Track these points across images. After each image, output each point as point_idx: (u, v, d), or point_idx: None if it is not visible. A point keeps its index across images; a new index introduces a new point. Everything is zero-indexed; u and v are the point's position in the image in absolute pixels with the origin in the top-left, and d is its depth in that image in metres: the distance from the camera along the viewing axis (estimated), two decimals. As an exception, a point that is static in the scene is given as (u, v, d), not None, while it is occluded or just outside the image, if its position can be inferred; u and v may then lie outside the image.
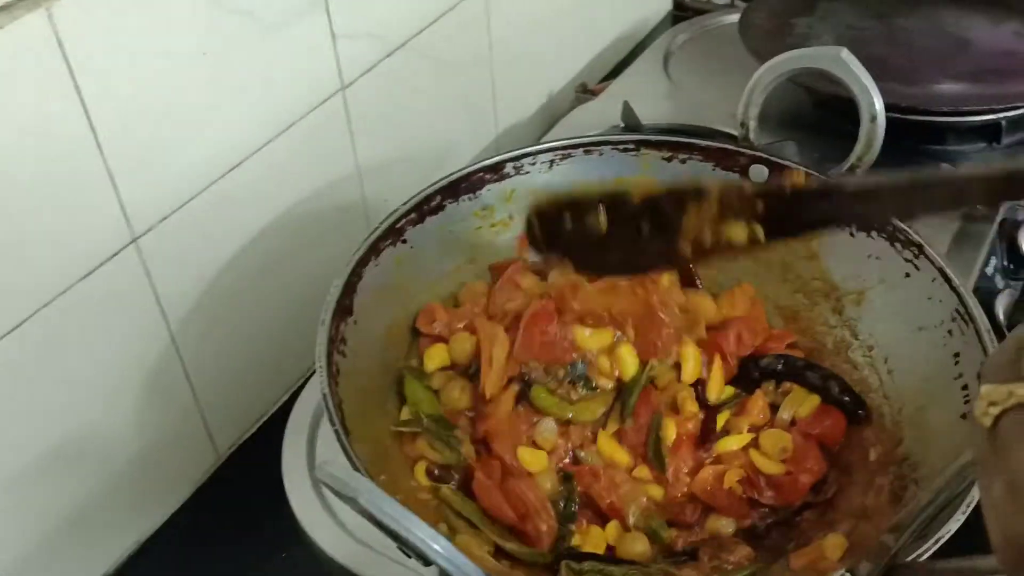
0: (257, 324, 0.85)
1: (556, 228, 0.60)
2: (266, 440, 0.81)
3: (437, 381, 0.71)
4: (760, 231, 0.56)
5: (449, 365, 0.72)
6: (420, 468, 0.67)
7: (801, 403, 0.72)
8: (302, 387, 0.83)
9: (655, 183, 0.59)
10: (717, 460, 0.70)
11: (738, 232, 0.56)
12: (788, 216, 0.56)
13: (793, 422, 0.72)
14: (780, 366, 0.74)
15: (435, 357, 0.72)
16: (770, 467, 0.69)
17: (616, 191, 0.60)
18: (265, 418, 0.90)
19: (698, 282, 0.78)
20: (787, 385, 0.73)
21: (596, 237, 0.59)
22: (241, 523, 0.80)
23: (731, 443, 0.70)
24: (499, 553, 0.63)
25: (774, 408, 0.72)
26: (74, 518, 0.74)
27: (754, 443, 0.70)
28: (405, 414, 0.70)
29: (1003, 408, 0.35)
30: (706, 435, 0.70)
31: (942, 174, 0.55)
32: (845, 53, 0.72)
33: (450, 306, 0.76)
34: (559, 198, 0.61)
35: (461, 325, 0.73)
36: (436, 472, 0.67)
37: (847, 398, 0.71)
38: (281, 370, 0.89)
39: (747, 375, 0.74)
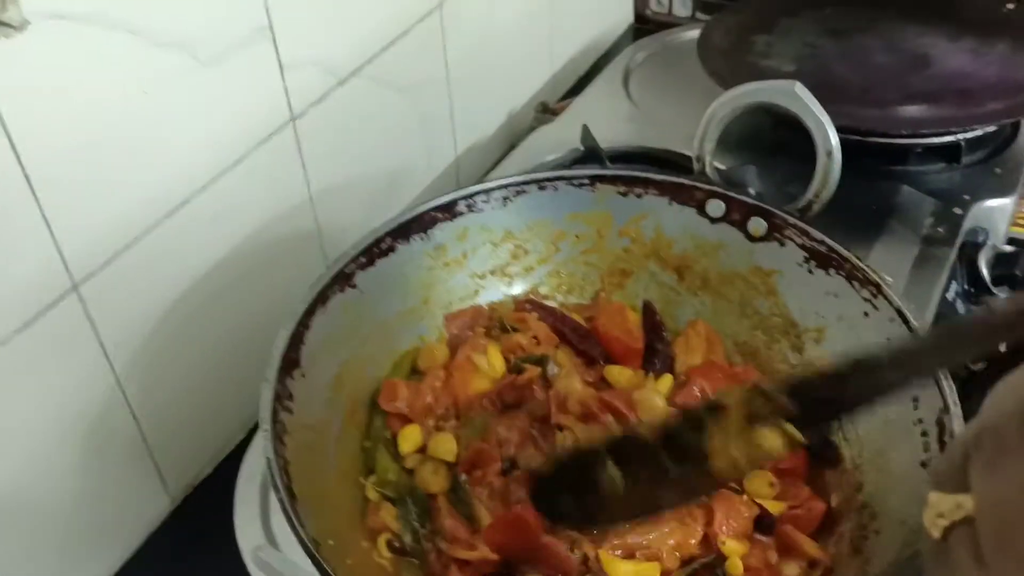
0: (209, 363, 0.83)
1: (564, 493, 0.55)
2: (221, 481, 0.79)
3: (411, 461, 0.69)
4: (796, 432, 0.51)
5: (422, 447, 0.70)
6: (382, 540, 0.64)
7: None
8: (256, 427, 0.81)
9: (666, 414, 0.56)
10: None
11: (772, 438, 0.51)
12: (823, 406, 0.52)
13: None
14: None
15: (409, 439, 0.70)
16: (775, 507, 0.67)
17: (625, 437, 0.55)
18: (222, 457, 0.88)
19: (663, 330, 0.78)
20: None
21: (615, 492, 0.54)
22: (195, 569, 0.78)
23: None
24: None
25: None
26: (22, 569, 0.71)
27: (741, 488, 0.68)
28: (370, 487, 0.68)
29: (951, 520, 0.33)
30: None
31: (977, 318, 0.52)
32: (799, 87, 0.71)
33: (407, 366, 0.75)
34: (561, 459, 0.57)
35: (427, 400, 0.71)
36: (398, 545, 0.65)
37: (814, 438, 0.70)
38: (235, 409, 0.87)
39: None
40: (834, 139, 0.72)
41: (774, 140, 1.02)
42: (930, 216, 0.93)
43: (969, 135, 0.96)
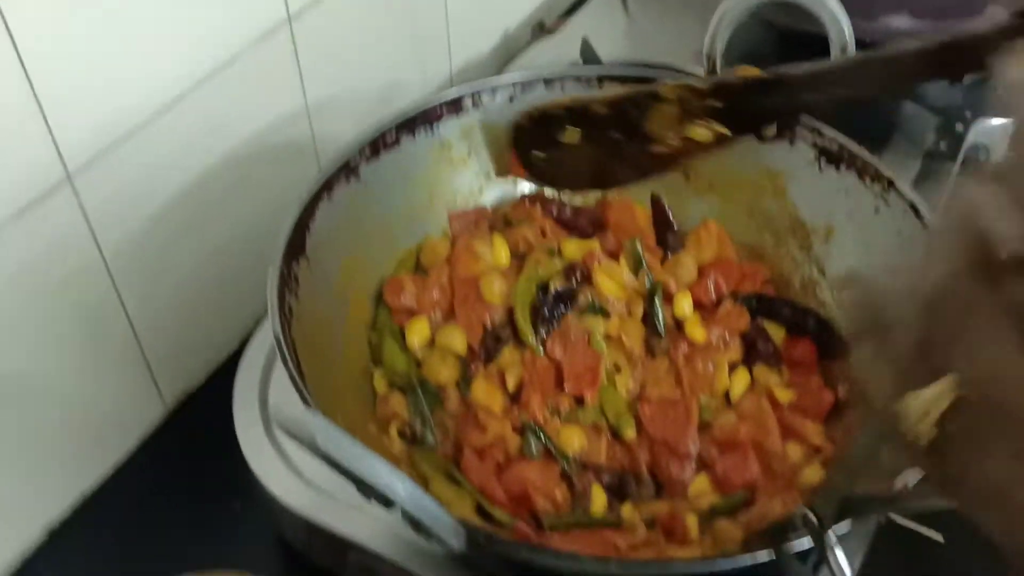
0: (204, 267, 0.81)
1: (537, 145, 0.63)
2: (216, 389, 0.78)
3: (419, 352, 0.69)
4: (723, 129, 0.59)
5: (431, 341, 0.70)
6: (393, 428, 0.64)
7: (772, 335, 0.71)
8: (253, 334, 0.79)
9: (617, 91, 0.61)
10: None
11: (702, 131, 0.59)
12: (745, 110, 0.59)
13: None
14: (755, 302, 0.73)
15: (418, 332, 0.70)
16: (784, 395, 0.68)
17: (582, 101, 0.61)
18: (215, 367, 0.87)
19: (672, 223, 0.77)
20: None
21: (573, 151, 0.61)
22: (192, 473, 0.77)
23: (739, 382, 0.69)
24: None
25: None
26: (14, 466, 0.70)
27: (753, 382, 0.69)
28: (378, 377, 0.67)
29: (940, 412, 0.31)
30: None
31: (883, 53, 0.55)
32: (816, -19, 0.70)
33: (411, 262, 0.74)
34: (532, 113, 0.63)
35: (434, 295, 0.70)
36: (409, 432, 0.64)
37: (824, 332, 0.71)
38: (231, 316, 0.86)
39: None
40: (849, 33, 0.71)
41: (777, 57, 1.00)
42: (933, 132, 0.93)
43: (972, 52, 0.96)
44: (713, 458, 0.65)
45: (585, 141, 0.61)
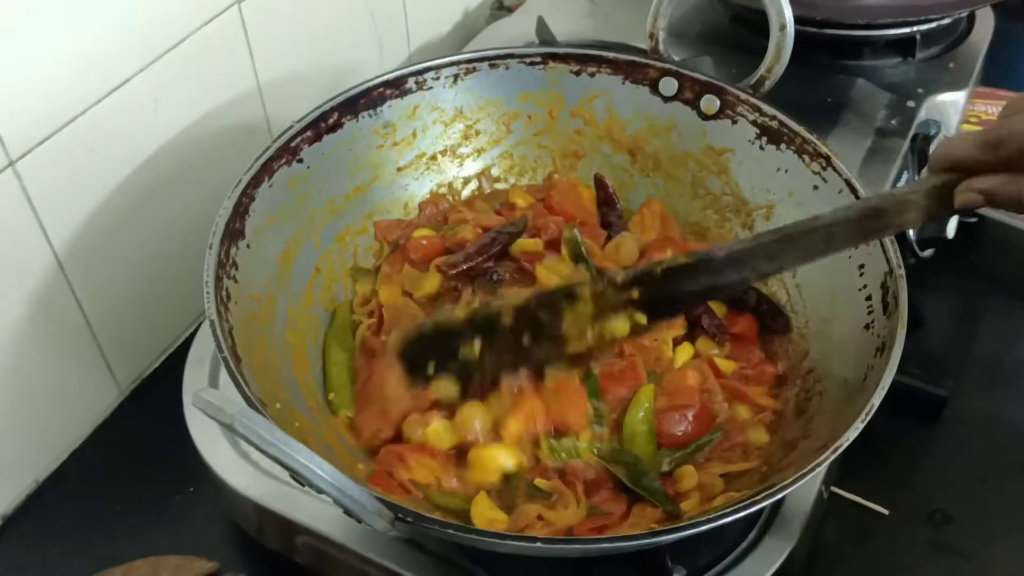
0: (156, 251, 0.82)
1: (430, 363, 0.59)
2: (172, 371, 0.78)
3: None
4: (642, 318, 0.57)
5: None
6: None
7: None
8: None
9: (522, 295, 0.59)
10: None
11: (620, 325, 0.57)
12: (666, 298, 0.57)
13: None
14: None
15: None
16: (727, 365, 0.69)
17: (484, 314, 0.58)
18: (171, 349, 0.87)
19: (617, 203, 0.78)
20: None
21: (475, 364, 0.58)
22: (147, 457, 0.78)
23: (683, 354, 0.70)
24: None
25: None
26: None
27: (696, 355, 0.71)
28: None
29: None
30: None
31: (806, 225, 0.55)
32: (754, -41, 0.70)
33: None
34: (423, 331, 0.60)
35: None
36: None
37: (764, 307, 0.72)
38: (186, 299, 0.86)
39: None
40: (788, 12, 0.71)
41: (730, 35, 1.01)
42: (884, 109, 0.93)
43: (924, 27, 0.96)
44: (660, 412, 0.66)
45: (488, 353, 0.58)
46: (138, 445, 0.79)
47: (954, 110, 0.96)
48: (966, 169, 0.51)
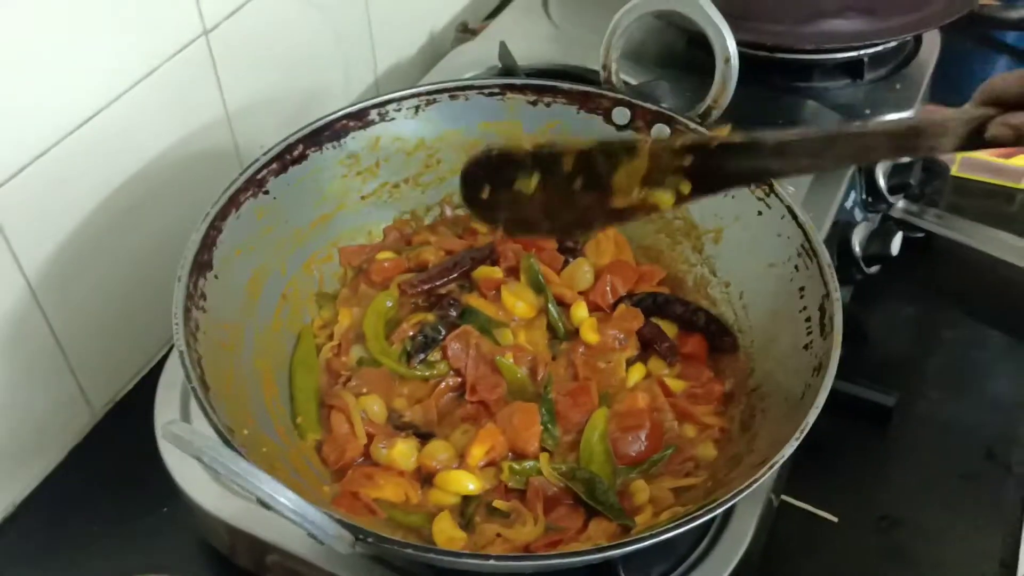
0: (127, 276, 0.83)
1: (487, 186, 0.62)
2: (145, 394, 0.80)
3: None
4: (687, 187, 0.58)
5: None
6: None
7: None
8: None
9: (586, 141, 0.60)
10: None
11: (667, 188, 0.58)
12: (713, 171, 0.59)
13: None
14: (650, 302, 0.77)
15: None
16: (677, 385, 0.72)
17: (548, 149, 0.60)
18: (143, 372, 0.89)
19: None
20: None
21: (527, 197, 0.60)
22: (120, 479, 0.80)
23: (635, 374, 0.73)
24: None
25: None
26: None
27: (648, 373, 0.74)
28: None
29: None
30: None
31: (851, 130, 0.57)
32: (698, -6, 0.73)
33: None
34: (489, 155, 0.62)
35: None
36: None
37: (713, 327, 0.75)
38: (158, 323, 0.87)
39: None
40: (731, 45, 0.74)
41: (686, 58, 1.04)
42: (833, 129, 0.96)
43: (872, 51, 0.99)
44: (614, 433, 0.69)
45: (541, 190, 0.60)
46: (112, 468, 0.81)
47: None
48: (1005, 104, 0.53)
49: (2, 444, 0.76)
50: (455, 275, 0.77)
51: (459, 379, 0.71)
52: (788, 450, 0.56)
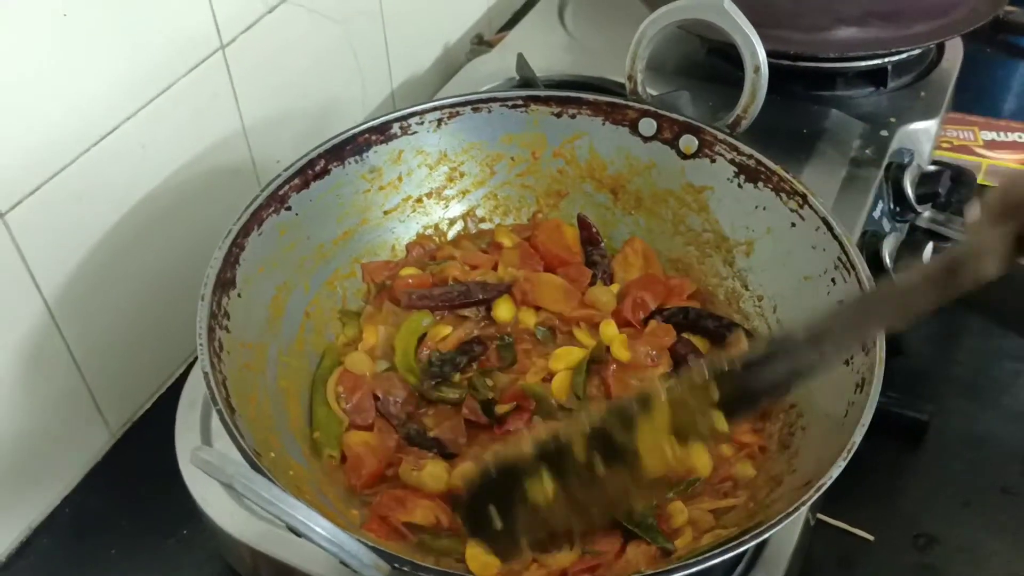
0: (145, 294, 0.82)
1: (495, 511, 0.53)
2: (163, 414, 0.79)
3: None
4: (722, 419, 0.52)
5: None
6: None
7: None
8: (196, 359, 0.80)
9: (593, 412, 0.53)
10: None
11: (700, 431, 0.51)
12: (746, 393, 0.52)
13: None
14: (681, 317, 0.75)
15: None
16: None
17: (552, 442, 0.52)
18: (161, 391, 0.87)
19: (600, 241, 0.79)
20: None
21: (546, 506, 0.52)
22: (139, 500, 0.78)
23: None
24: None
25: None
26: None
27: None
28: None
29: None
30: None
31: (885, 291, 0.54)
32: (727, 3, 0.72)
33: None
34: (488, 474, 0.53)
35: None
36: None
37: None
38: (175, 341, 0.87)
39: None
40: (761, 54, 0.73)
41: (707, 68, 1.03)
42: (858, 138, 0.95)
43: (895, 58, 0.98)
44: None
45: (560, 492, 0.51)
46: (130, 489, 0.80)
47: (926, 138, 0.98)
48: None
49: (19, 466, 0.75)
50: (459, 304, 0.75)
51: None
52: (835, 471, 0.54)
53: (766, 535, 0.52)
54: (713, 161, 0.75)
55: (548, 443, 0.52)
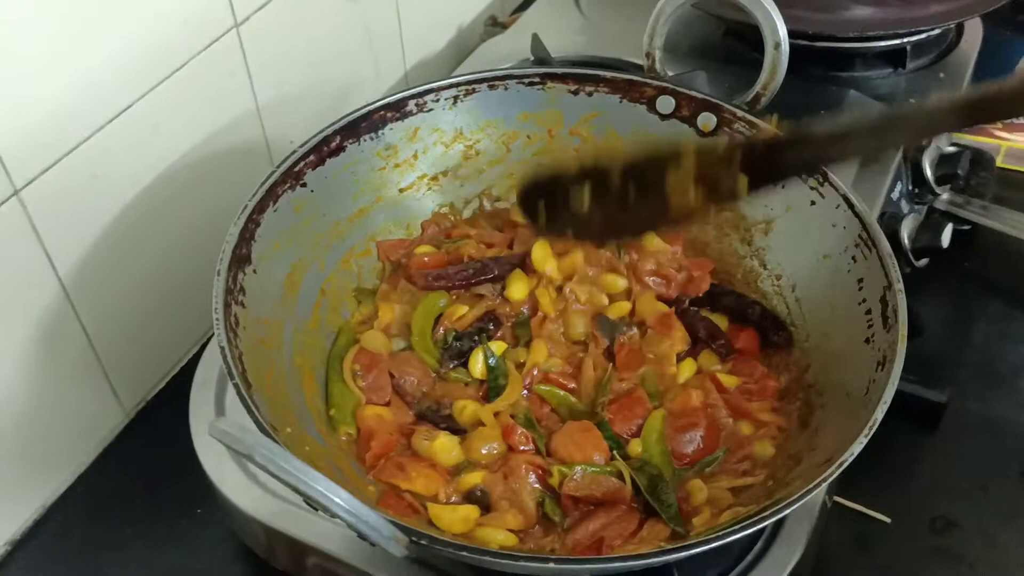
0: (159, 273, 0.82)
1: (544, 206, 0.61)
2: (177, 393, 0.79)
3: None
4: (743, 183, 0.56)
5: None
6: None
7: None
8: (210, 339, 0.80)
9: (632, 150, 0.59)
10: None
11: (721, 187, 0.57)
12: (766, 167, 0.57)
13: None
14: (702, 294, 0.75)
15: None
16: (729, 380, 0.70)
17: (595, 165, 0.59)
18: (175, 371, 0.87)
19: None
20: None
21: (583, 212, 0.59)
22: (152, 481, 0.79)
23: (686, 370, 0.71)
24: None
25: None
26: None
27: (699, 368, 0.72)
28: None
29: None
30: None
31: (909, 109, 0.55)
32: (748, -22, 0.71)
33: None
34: (539, 179, 0.62)
35: None
36: None
37: (767, 321, 0.73)
38: (189, 320, 0.87)
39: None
40: (782, 30, 0.72)
41: (723, 50, 1.02)
42: (876, 119, 0.94)
43: (914, 39, 0.97)
44: (670, 433, 0.66)
45: (596, 203, 0.59)
46: (144, 468, 0.80)
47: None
48: None
49: (33, 445, 0.75)
50: (475, 282, 0.75)
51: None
52: (857, 448, 0.54)
53: (786, 511, 0.52)
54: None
55: (590, 164, 0.60)
